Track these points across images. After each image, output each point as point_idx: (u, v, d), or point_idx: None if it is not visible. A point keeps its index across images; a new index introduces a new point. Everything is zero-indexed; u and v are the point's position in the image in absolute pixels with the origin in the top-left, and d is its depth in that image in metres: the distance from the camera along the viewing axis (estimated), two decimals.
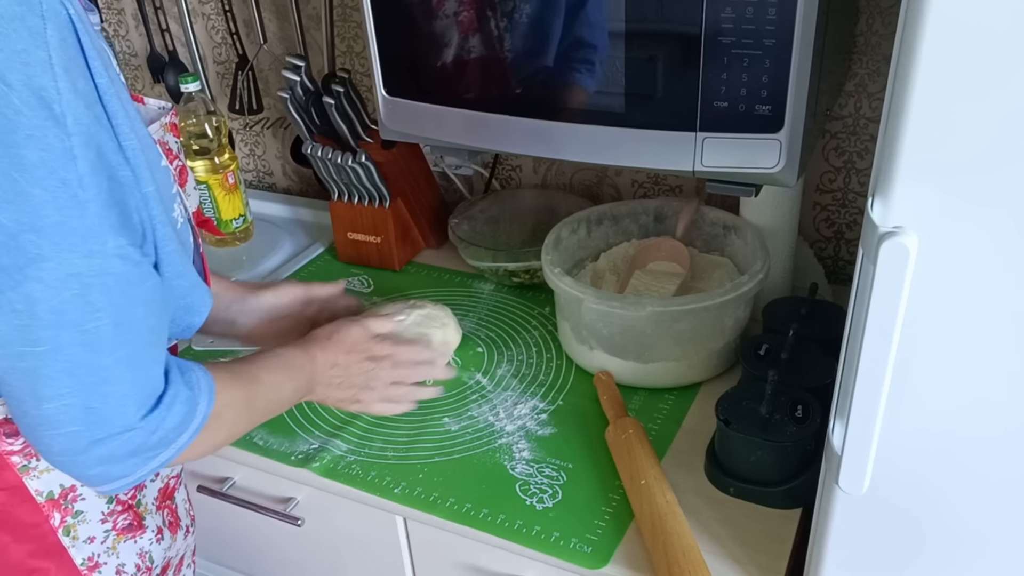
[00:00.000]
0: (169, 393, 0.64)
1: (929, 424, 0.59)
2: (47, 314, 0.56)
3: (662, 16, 0.80)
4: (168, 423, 0.64)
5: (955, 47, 0.47)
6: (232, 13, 1.47)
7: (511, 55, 0.89)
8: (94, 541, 0.75)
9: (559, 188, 1.39)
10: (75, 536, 0.74)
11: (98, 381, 0.59)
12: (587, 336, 1.02)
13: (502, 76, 0.91)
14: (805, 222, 1.22)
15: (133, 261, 0.60)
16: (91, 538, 0.75)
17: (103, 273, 0.57)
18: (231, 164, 1.40)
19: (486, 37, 0.90)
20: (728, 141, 0.82)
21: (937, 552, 0.64)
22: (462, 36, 0.91)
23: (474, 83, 0.93)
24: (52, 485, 0.72)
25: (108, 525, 0.76)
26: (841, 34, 0.95)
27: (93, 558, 0.76)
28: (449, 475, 0.92)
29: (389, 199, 1.28)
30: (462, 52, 0.92)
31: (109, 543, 0.77)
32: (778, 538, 0.82)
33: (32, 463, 0.70)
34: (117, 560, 0.77)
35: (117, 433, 0.61)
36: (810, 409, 0.85)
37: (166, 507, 0.83)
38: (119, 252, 0.58)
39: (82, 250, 0.56)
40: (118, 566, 0.78)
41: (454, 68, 0.93)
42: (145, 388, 0.62)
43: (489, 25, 0.89)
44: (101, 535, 0.76)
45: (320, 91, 1.26)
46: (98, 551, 0.76)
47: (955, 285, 0.53)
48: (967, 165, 0.50)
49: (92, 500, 0.75)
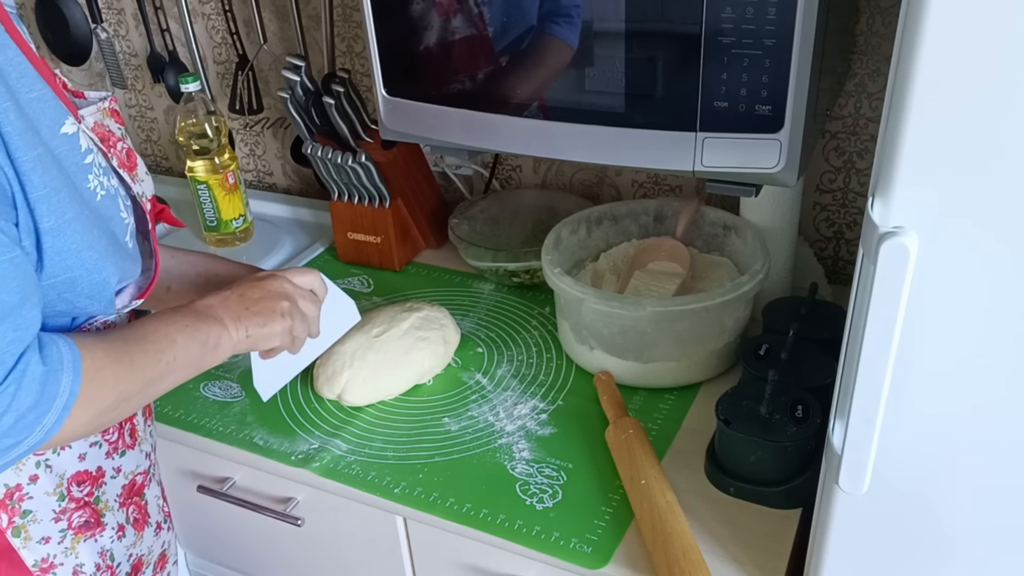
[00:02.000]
0: (16, 371, 0.60)
1: (929, 424, 0.59)
2: None
3: (662, 16, 0.80)
4: (20, 402, 0.60)
5: (955, 47, 0.47)
6: (232, 13, 1.47)
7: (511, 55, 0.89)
8: (49, 542, 0.74)
9: (559, 188, 1.39)
10: (27, 537, 0.72)
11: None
12: (587, 336, 1.02)
13: (502, 76, 0.91)
14: (805, 222, 1.22)
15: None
16: (45, 538, 0.73)
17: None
18: (231, 164, 1.40)
19: (486, 37, 0.90)
20: (728, 141, 0.82)
21: (937, 552, 0.64)
22: (462, 36, 0.91)
23: (474, 83, 0.93)
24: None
25: (63, 524, 0.74)
26: (841, 34, 0.95)
27: (47, 559, 0.74)
28: (449, 475, 0.92)
29: (389, 199, 1.28)
30: (462, 52, 0.92)
31: (67, 543, 0.75)
32: (778, 538, 0.82)
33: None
34: (75, 560, 0.75)
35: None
36: (810, 409, 0.85)
37: (132, 503, 0.82)
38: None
39: None
40: (75, 567, 0.76)
41: (454, 68, 0.93)
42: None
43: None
44: (57, 535, 0.74)
45: (320, 91, 1.26)
46: (54, 551, 0.74)
47: (955, 285, 0.53)
48: (967, 165, 0.50)
49: (41, 498, 0.73)
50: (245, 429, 1.01)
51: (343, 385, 1.01)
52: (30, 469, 0.72)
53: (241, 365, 1.13)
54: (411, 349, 1.04)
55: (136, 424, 0.82)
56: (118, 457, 0.80)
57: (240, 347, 0.80)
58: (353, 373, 1.01)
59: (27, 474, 0.72)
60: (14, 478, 0.71)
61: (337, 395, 1.02)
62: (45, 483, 0.73)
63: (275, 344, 0.84)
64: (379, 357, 1.03)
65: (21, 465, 0.71)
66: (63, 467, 0.74)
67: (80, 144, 0.67)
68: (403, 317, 1.07)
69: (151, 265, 0.81)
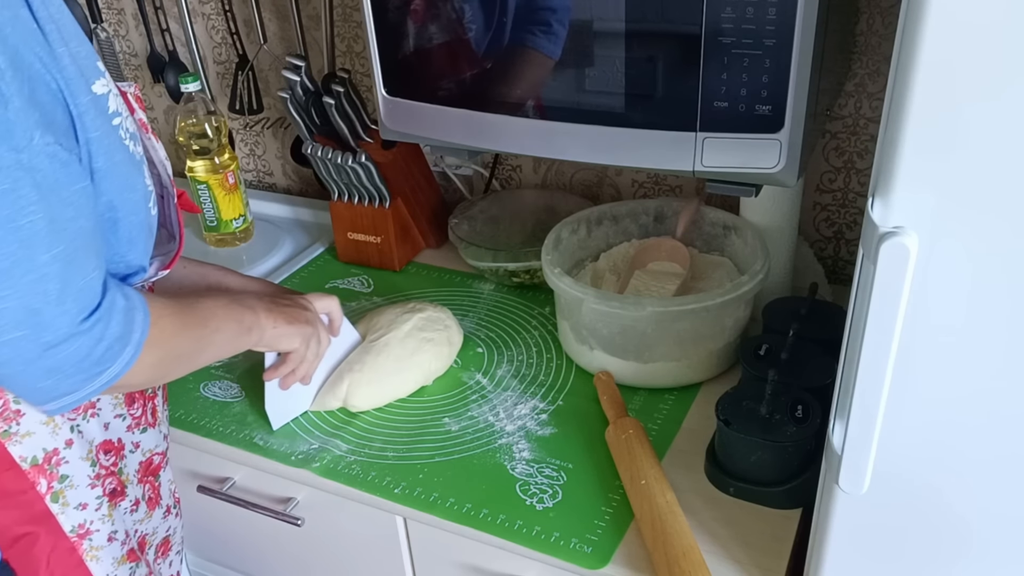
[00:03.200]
0: (107, 299, 0.63)
1: (929, 424, 0.59)
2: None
3: (662, 16, 0.80)
4: (111, 331, 0.63)
5: (955, 47, 0.47)
6: (232, 13, 1.47)
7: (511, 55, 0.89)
8: (87, 508, 0.74)
9: (559, 188, 1.39)
10: (64, 502, 0.73)
11: (36, 279, 0.59)
12: (587, 336, 1.02)
13: (502, 76, 0.91)
14: (805, 222, 1.22)
15: (61, 160, 0.59)
16: (83, 504, 0.74)
17: (31, 168, 0.57)
18: (231, 164, 1.40)
19: (486, 37, 0.90)
20: (728, 141, 0.82)
21: (937, 552, 0.64)
22: (462, 36, 0.91)
23: (474, 83, 0.93)
24: (35, 450, 0.71)
25: (99, 490, 0.75)
26: (841, 34, 0.95)
27: (84, 525, 0.74)
28: (449, 475, 0.92)
29: (389, 199, 1.28)
30: (462, 52, 0.92)
31: (104, 510, 0.76)
32: (778, 538, 0.82)
33: (12, 427, 0.69)
34: (111, 527, 0.76)
35: (63, 340, 0.61)
36: (810, 409, 0.85)
37: (147, 482, 0.83)
38: (46, 150, 0.58)
39: (8, 144, 0.56)
40: (110, 533, 0.77)
41: (454, 68, 0.93)
42: (84, 291, 0.62)
43: (489, 25, 0.89)
44: (94, 501, 0.75)
45: (320, 91, 1.26)
46: (91, 517, 0.75)
47: (955, 284, 0.53)
48: (967, 165, 0.50)
49: (76, 463, 0.73)
50: (245, 429, 1.01)
51: (345, 391, 1.01)
52: (65, 433, 0.73)
53: (241, 365, 1.13)
54: (416, 351, 1.04)
55: (156, 405, 0.84)
56: (139, 432, 0.81)
57: (267, 336, 0.86)
58: (355, 378, 1.01)
59: (63, 438, 0.73)
60: (51, 441, 0.72)
61: (342, 402, 1.02)
62: (78, 448, 0.74)
63: (296, 346, 0.90)
64: (382, 360, 1.02)
65: (57, 428, 0.72)
66: (92, 434, 0.76)
67: (109, 105, 0.68)
68: (405, 319, 1.07)
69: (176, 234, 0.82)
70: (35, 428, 0.71)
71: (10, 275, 0.58)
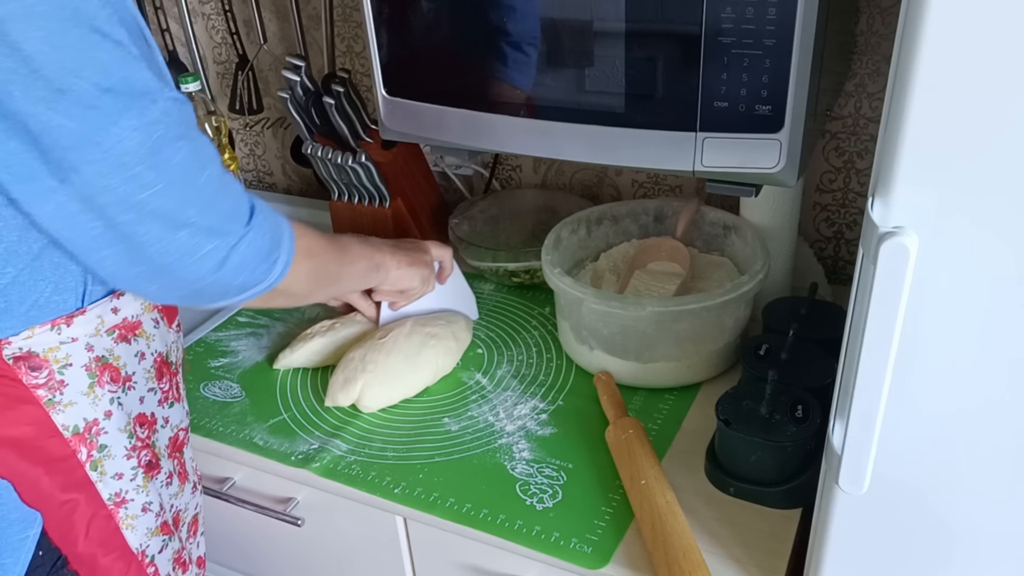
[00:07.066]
0: (255, 202, 0.73)
1: (929, 424, 0.59)
2: (147, 156, 0.63)
3: (662, 16, 0.80)
4: (269, 222, 0.73)
5: (955, 47, 0.47)
6: (232, 13, 1.47)
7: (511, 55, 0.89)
8: (122, 478, 0.76)
9: (559, 188, 1.39)
10: (103, 472, 0.74)
11: (209, 196, 0.68)
12: (587, 336, 1.02)
13: (502, 76, 0.91)
14: (805, 222, 1.22)
15: (182, 101, 0.67)
16: (119, 474, 0.76)
17: (168, 113, 0.65)
18: (231, 164, 1.40)
19: (486, 37, 0.90)
20: (728, 141, 0.82)
21: (937, 552, 0.64)
22: (462, 36, 0.91)
23: (474, 83, 0.93)
24: (76, 419, 0.72)
25: (134, 461, 0.77)
26: (841, 34, 0.95)
27: (120, 494, 0.76)
28: (449, 475, 0.92)
29: (389, 199, 1.28)
30: (462, 52, 0.92)
31: (139, 481, 0.77)
32: (778, 538, 0.82)
33: (56, 396, 0.71)
34: (145, 498, 0.78)
35: (241, 238, 0.70)
36: (810, 409, 0.85)
37: (175, 458, 0.84)
38: (173, 96, 0.66)
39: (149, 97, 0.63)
40: (144, 503, 0.78)
41: (454, 68, 0.93)
42: (240, 196, 0.72)
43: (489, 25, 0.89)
44: (129, 472, 0.76)
45: (320, 91, 1.26)
46: (126, 487, 0.76)
47: (955, 285, 0.53)
48: (967, 164, 0.50)
49: (114, 434, 0.75)
50: (245, 429, 1.01)
51: (359, 391, 1.01)
52: (104, 404, 0.74)
53: (241, 365, 1.13)
54: (422, 348, 1.04)
55: (179, 381, 0.85)
56: (167, 407, 0.82)
57: (391, 277, 1.00)
58: (368, 378, 1.01)
59: (102, 409, 0.74)
60: (92, 412, 0.73)
61: (354, 401, 1.02)
62: (117, 419, 0.75)
63: (415, 285, 1.04)
64: (391, 359, 1.02)
65: (97, 399, 0.74)
66: (130, 406, 0.77)
67: None
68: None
69: None
70: (77, 398, 0.72)
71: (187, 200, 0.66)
